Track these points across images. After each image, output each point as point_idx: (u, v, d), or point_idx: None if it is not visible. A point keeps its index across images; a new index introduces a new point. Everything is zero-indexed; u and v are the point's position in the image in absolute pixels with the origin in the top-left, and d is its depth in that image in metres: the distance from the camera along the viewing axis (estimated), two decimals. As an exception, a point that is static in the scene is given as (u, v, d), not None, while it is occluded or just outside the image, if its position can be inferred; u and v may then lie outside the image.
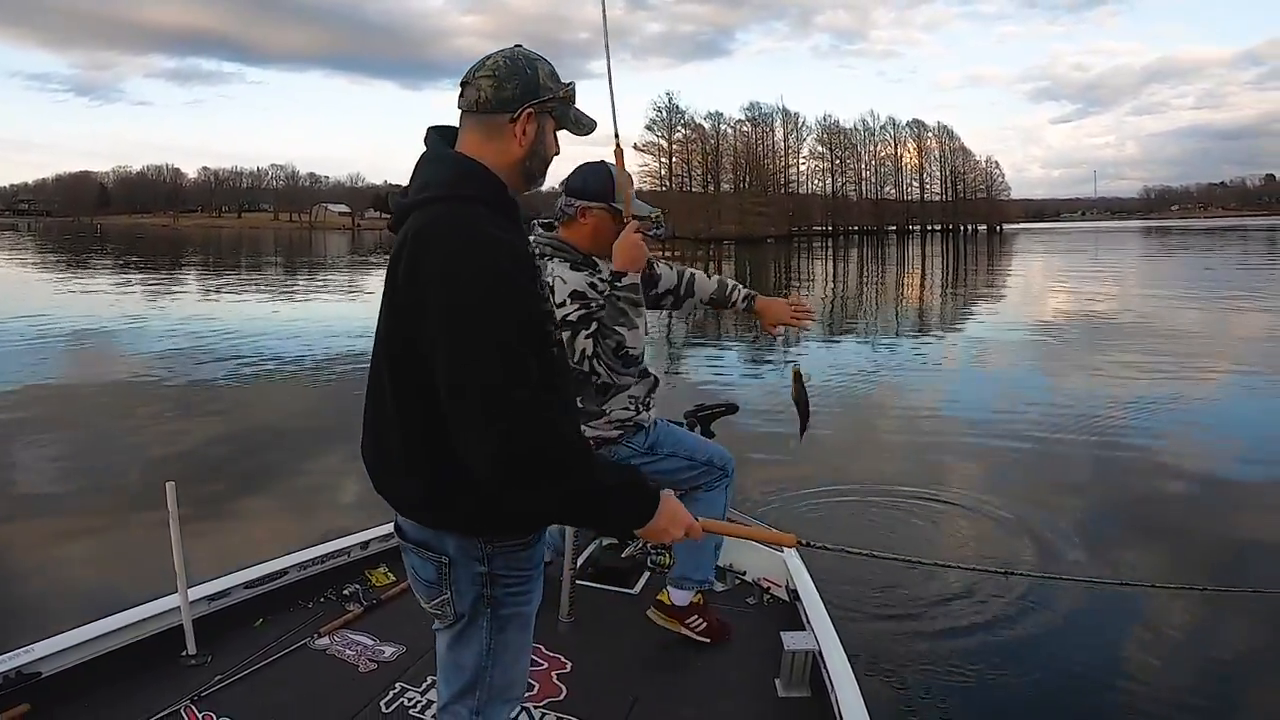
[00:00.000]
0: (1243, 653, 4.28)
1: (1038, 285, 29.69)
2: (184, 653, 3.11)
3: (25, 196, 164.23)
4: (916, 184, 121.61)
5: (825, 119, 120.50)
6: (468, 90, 1.86)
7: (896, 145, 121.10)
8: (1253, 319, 17.71)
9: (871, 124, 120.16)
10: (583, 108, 1.99)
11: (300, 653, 3.22)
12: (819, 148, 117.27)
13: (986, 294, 27.14)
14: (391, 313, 1.80)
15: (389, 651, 3.25)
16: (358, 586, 3.67)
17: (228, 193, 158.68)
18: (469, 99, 1.85)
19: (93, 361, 12.75)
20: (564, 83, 1.90)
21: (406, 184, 1.89)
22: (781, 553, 3.85)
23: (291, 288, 27.90)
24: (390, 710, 2.91)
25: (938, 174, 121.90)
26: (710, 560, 3.44)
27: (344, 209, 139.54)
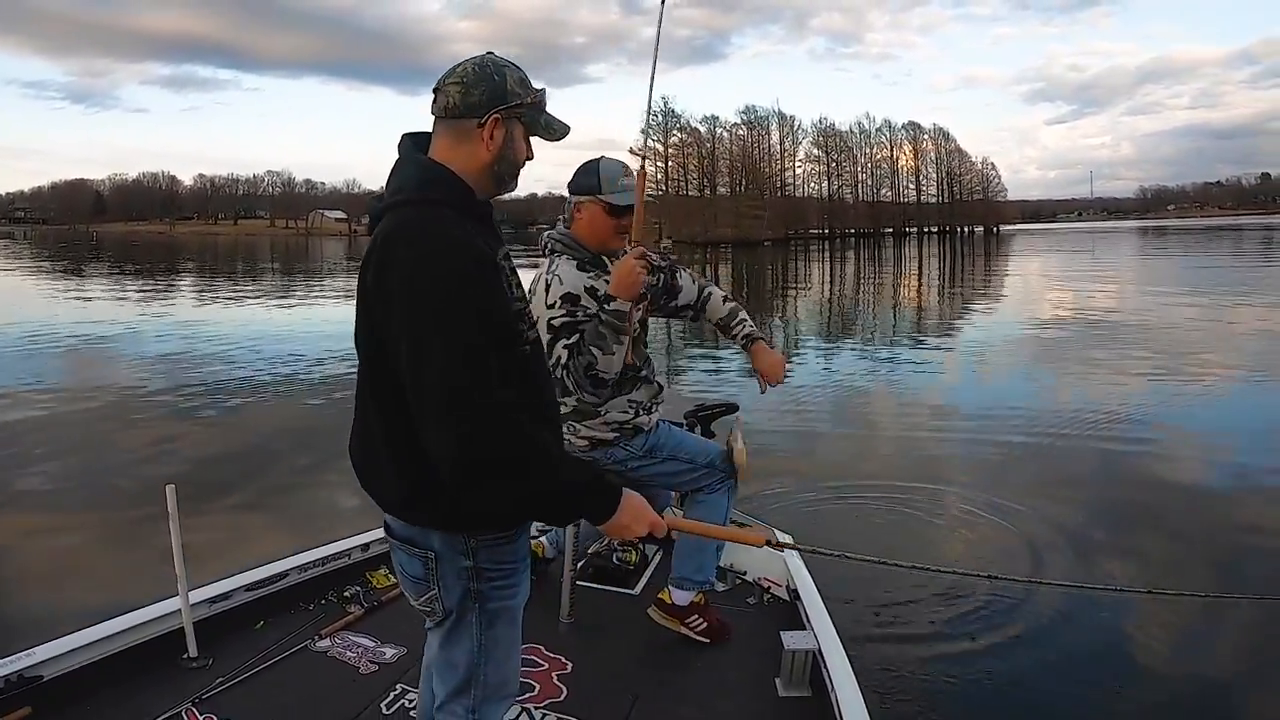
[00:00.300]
0: (1241, 658, 4.23)
1: (1036, 286, 29.71)
2: (185, 655, 3.11)
3: (21, 204, 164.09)
4: (913, 186, 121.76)
5: (821, 122, 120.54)
6: (439, 97, 1.90)
7: (892, 147, 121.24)
8: (1249, 317, 17.73)
9: (867, 126, 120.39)
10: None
11: (301, 655, 3.22)
12: (815, 151, 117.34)
13: (985, 295, 27.16)
14: (365, 314, 1.84)
15: (390, 653, 3.26)
16: (358, 588, 3.67)
17: (224, 199, 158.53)
18: (439, 105, 1.90)
19: (91, 368, 12.74)
20: (534, 89, 1.92)
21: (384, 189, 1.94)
22: (781, 552, 3.85)
23: (294, 291, 27.98)
24: (391, 712, 2.92)
25: (934, 176, 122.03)
26: (711, 561, 3.44)
27: (340, 215, 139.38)
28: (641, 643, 3.41)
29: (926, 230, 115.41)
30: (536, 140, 2.00)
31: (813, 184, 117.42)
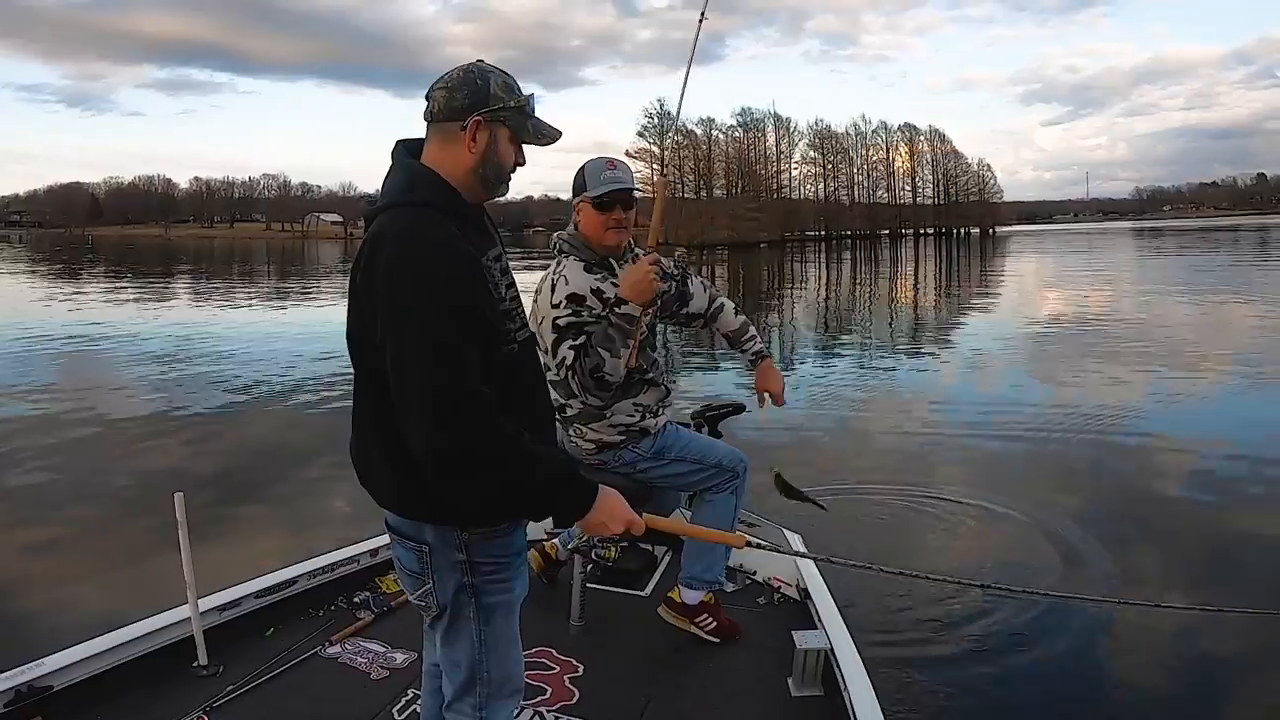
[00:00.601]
0: (1242, 671, 4.17)
1: (1032, 288, 29.74)
2: (195, 663, 3.11)
3: (17, 208, 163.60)
4: (909, 188, 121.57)
5: (817, 124, 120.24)
6: (428, 102, 1.95)
7: (888, 149, 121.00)
8: (1243, 317, 17.75)
9: (863, 128, 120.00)
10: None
11: (311, 661, 3.22)
12: (811, 153, 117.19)
13: (981, 297, 27.20)
14: (354, 313, 1.90)
15: (400, 658, 3.26)
16: (368, 594, 3.68)
17: (220, 203, 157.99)
18: (428, 110, 1.95)
19: (89, 371, 12.72)
20: (519, 94, 1.95)
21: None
22: (783, 555, 3.86)
23: (294, 293, 27.97)
24: (403, 717, 2.92)
25: (930, 177, 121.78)
26: (721, 560, 3.45)
27: (336, 218, 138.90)
28: (653, 644, 3.41)
29: (923, 232, 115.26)
30: (532, 147, 2.03)
31: (809, 186, 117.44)
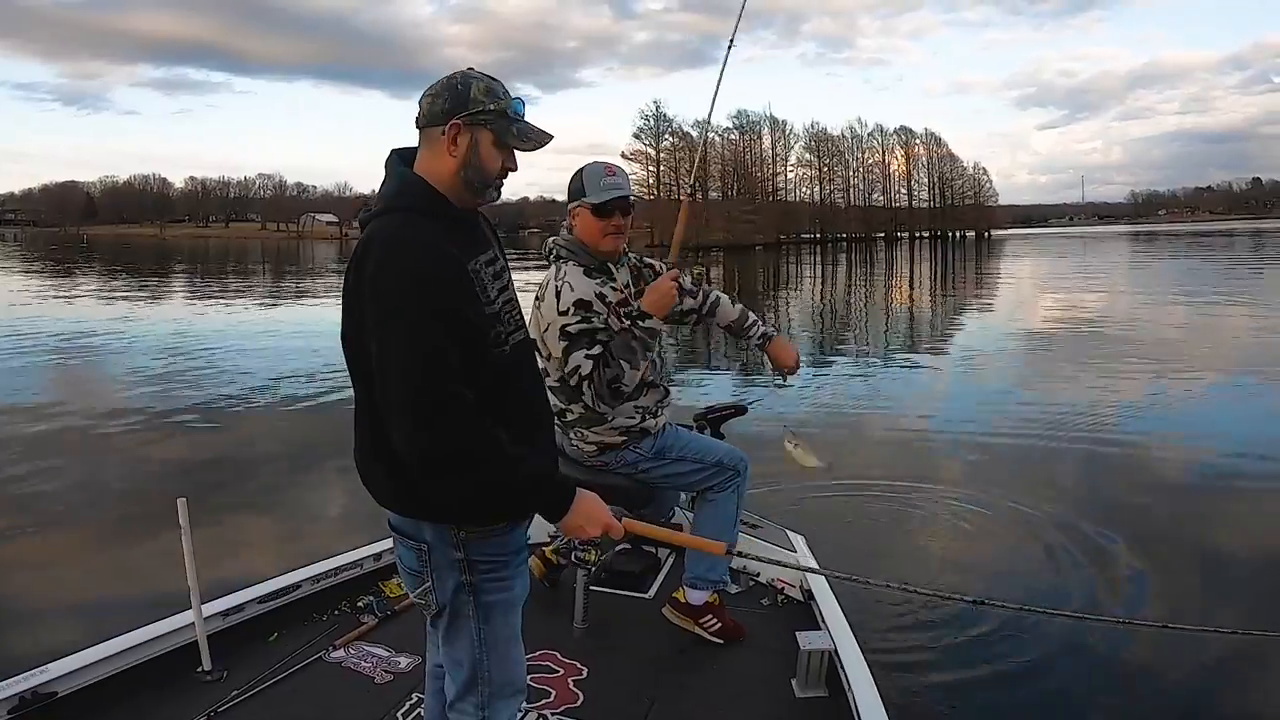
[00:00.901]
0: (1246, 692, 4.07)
1: (1030, 290, 29.78)
2: (199, 669, 3.10)
3: (11, 206, 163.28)
4: (904, 191, 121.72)
5: (813, 126, 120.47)
6: (418, 109, 1.98)
7: (884, 152, 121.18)
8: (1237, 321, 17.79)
9: (859, 131, 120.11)
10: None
11: (316, 666, 3.21)
12: (807, 155, 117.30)
13: (977, 300, 27.23)
14: (348, 317, 1.93)
15: (405, 662, 3.25)
16: (372, 598, 3.67)
17: (215, 202, 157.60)
18: (416, 117, 1.98)
19: (88, 372, 12.70)
20: (500, 98, 1.95)
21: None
22: (794, 553, 3.87)
23: (294, 293, 27.93)
24: None
25: (925, 181, 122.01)
26: (724, 561, 3.45)
27: (332, 218, 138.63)
28: (657, 646, 3.42)
29: (918, 235, 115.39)
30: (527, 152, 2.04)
31: (804, 188, 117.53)
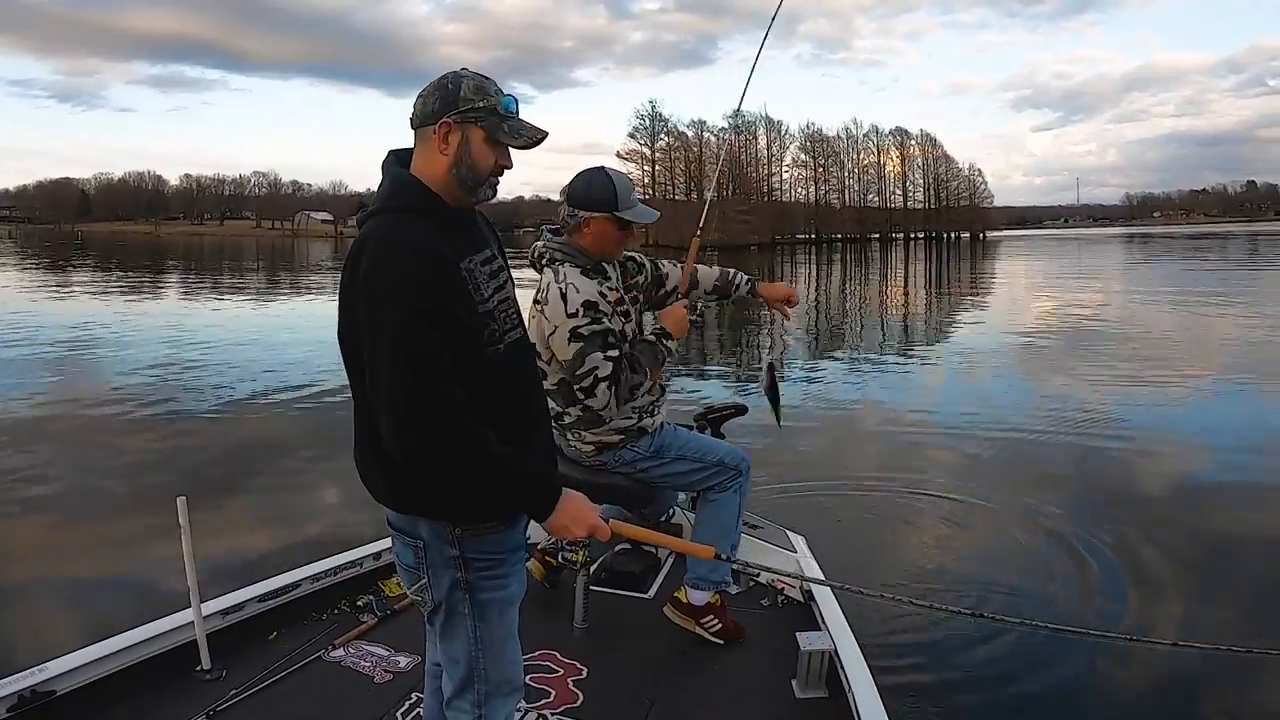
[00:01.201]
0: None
1: (1026, 291, 29.82)
2: (198, 668, 3.09)
3: (6, 203, 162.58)
4: (899, 192, 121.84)
5: (809, 127, 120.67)
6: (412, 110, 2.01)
7: (880, 153, 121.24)
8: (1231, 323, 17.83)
9: (854, 132, 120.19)
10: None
11: (315, 665, 3.21)
12: (802, 156, 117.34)
13: (973, 301, 27.28)
14: (343, 315, 1.95)
15: (404, 662, 3.25)
16: (371, 597, 3.67)
17: (210, 200, 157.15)
18: (410, 117, 2.00)
19: (86, 372, 12.67)
20: (491, 95, 1.96)
21: None
22: (795, 553, 3.87)
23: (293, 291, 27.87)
24: None
25: (921, 182, 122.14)
26: (725, 564, 3.44)
27: (327, 216, 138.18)
28: (657, 647, 3.41)
29: (913, 236, 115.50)
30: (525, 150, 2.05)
31: (800, 189, 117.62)
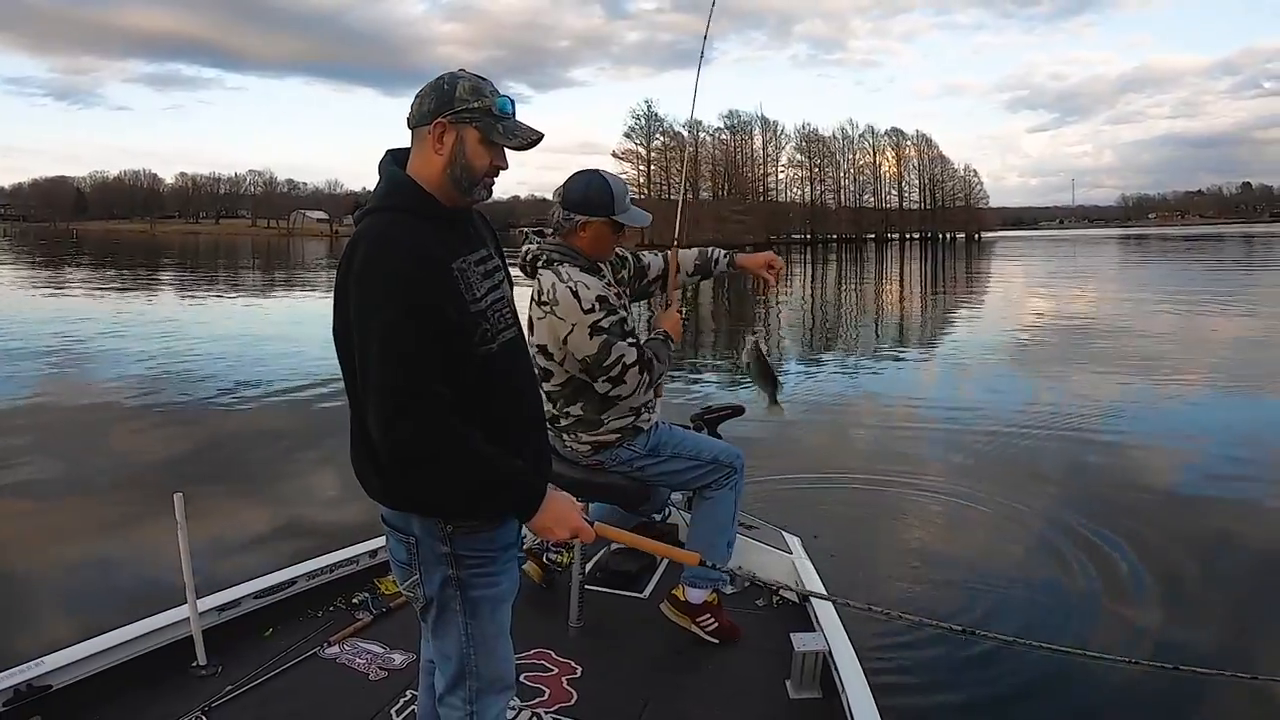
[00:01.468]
0: None
1: (1021, 291, 29.84)
2: (194, 663, 3.10)
3: (1, 201, 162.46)
4: (895, 192, 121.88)
5: (804, 127, 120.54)
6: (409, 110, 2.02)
7: (875, 154, 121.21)
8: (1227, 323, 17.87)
9: (850, 132, 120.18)
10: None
11: (310, 662, 3.22)
12: (798, 156, 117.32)
13: (969, 302, 27.32)
14: (338, 313, 1.96)
15: (399, 659, 3.26)
16: (367, 595, 3.68)
17: (205, 199, 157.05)
18: (407, 118, 2.01)
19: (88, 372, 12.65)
20: (486, 96, 1.97)
21: None
22: (791, 554, 3.88)
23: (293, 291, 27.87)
24: (401, 718, 2.91)
25: (916, 182, 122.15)
26: (724, 558, 3.44)
27: (322, 215, 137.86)
28: (651, 646, 3.42)
29: (908, 236, 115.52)
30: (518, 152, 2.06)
31: (795, 189, 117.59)
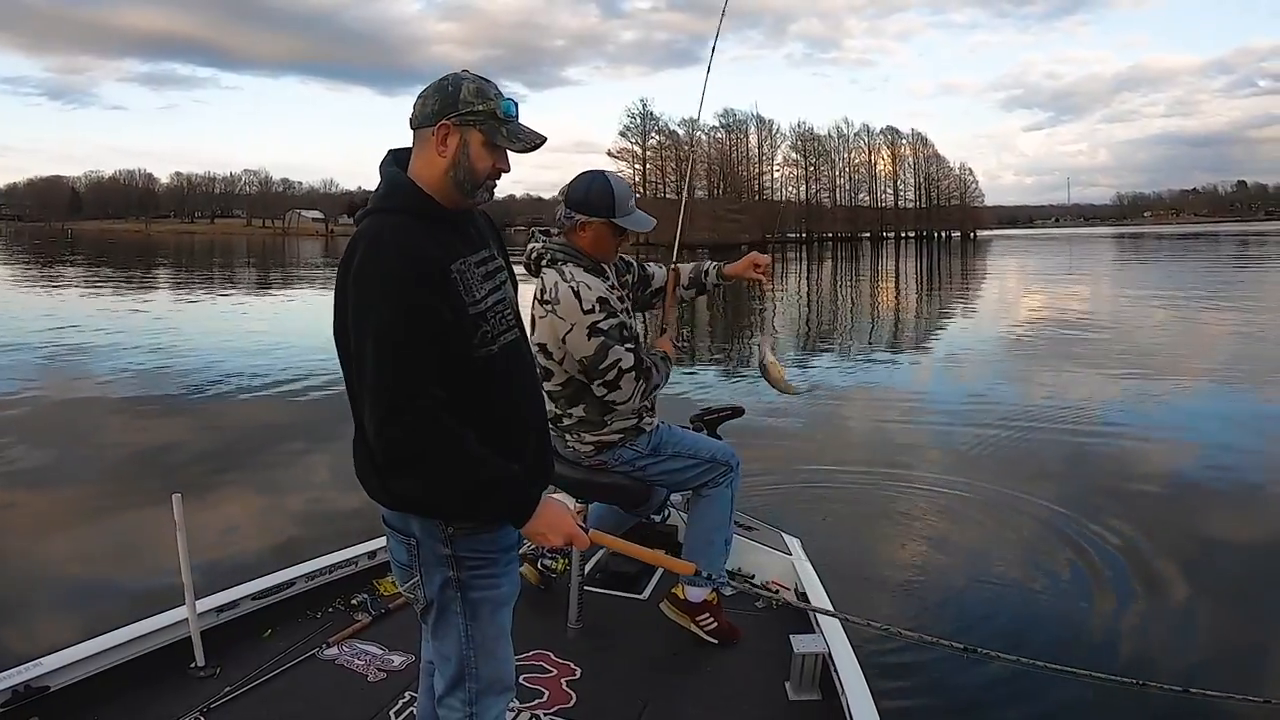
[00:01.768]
0: None
1: (1015, 292, 29.91)
2: (193, 664, 3.10)
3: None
4: (890, 191, 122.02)
5: (799, 126, 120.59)
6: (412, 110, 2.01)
7: (870, 152, 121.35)
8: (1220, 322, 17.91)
9: (845, 131, 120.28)
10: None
11: (309, 663, 3.21)
12: (793, 155, 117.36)
13: (967, 301, 27.37)
14: (337, 313, 1.96)
15: (398, 661, 3.26)
16: (366, 596, 3.67)
17: (200, 198, 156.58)
18: (409, 118, 2.01)
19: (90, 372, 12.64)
20: (490, 99, 1.96)
21: None
22: (790, 555, 3.88)
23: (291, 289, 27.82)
24: (400, 719, 2.91)
25: (911, 181, 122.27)
26: (721, 557, 3.47)
27: (318, 215, 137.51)
28: (650, 648, 3.42)
29: (904, 235, 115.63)
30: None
31: (791, 188, 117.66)
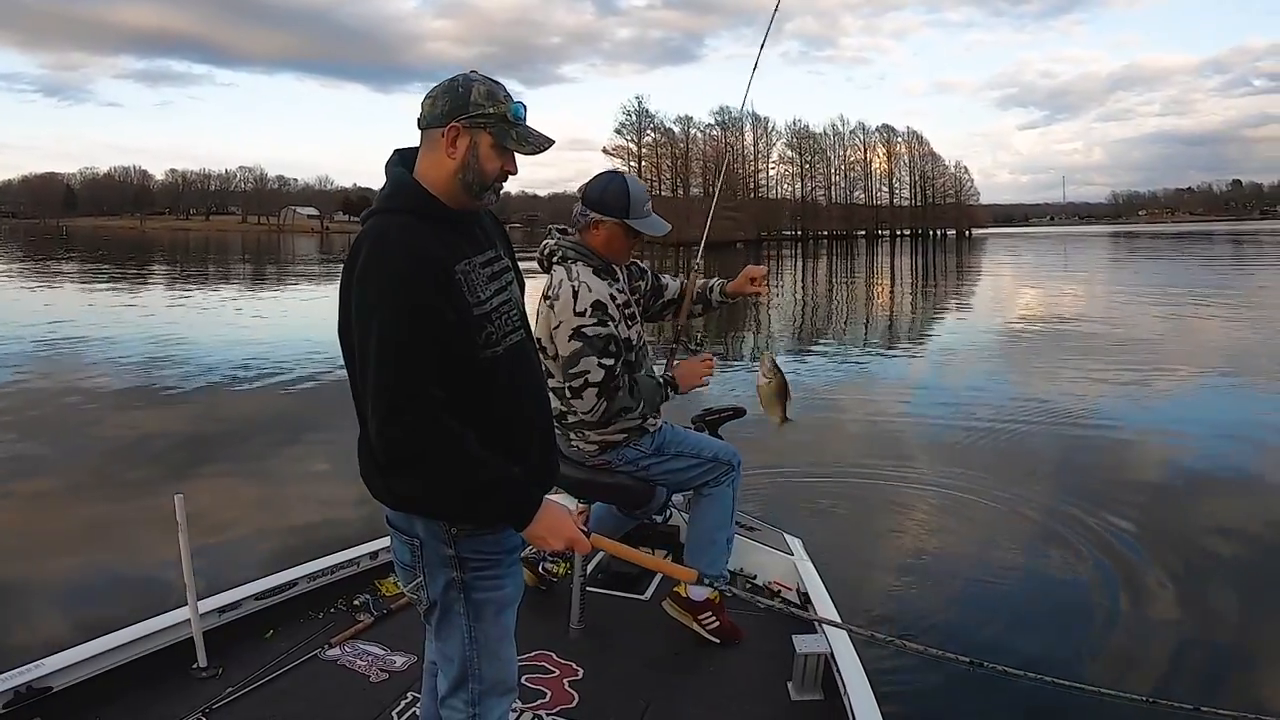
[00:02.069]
0: None
1: (1011, 291, 29.93)
2: (194, 665, 3.10)
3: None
4: (886, 189, 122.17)
5: (795, 124, 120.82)
6: (420, 110, 2.01)
7: (866, 150, 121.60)
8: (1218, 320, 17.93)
9: (841, 129, 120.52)
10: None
11: (311, 664, 3.21)
12: (789, 152, 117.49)
13: (965, 300, 27.36)
14: (342, 312, 1.96)
15: (400, 661, 3.26)
16: (368, 596, 3.67)
17: (195, 195, 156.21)
18: (418, 118, 2.00)
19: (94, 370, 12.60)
20: (501, 101, 1.96)
21: None
22: (791, 555, 3.89)
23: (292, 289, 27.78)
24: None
25: (907, 179, 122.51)
26: (722, 556, 3.47)
27: (313, 212, 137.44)
28: (652, 648, 3.42)
29: (899, 233, 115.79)
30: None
31: (786, 186, 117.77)
